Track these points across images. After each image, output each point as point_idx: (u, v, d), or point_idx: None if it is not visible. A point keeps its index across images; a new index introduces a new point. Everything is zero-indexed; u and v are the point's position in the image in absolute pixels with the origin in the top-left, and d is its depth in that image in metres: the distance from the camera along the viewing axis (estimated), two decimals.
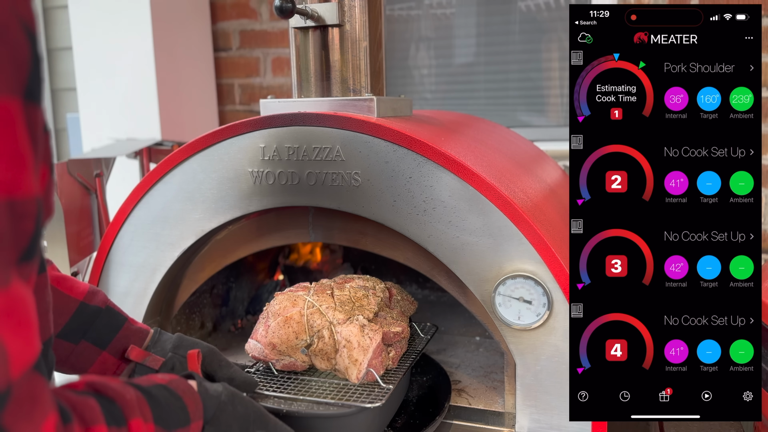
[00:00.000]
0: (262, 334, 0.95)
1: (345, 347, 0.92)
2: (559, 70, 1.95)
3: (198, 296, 1.33)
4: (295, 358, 0.96)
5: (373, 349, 0.90)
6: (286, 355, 0.95)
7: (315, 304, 0.96)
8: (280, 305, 0.97)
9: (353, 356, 0.91)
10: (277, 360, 0.96)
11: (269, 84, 2.17)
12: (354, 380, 0.91)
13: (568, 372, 0.90)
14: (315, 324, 0.94)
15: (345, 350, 0.92)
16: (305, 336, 0.94)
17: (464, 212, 0.93)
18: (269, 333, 0.95)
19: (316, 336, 0.94)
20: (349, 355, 0.91)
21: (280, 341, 0.94)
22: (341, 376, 0.94)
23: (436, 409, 1.01)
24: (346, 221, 1.09)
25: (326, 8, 1.06)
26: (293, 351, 0.95)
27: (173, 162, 1.09)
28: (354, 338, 0.91)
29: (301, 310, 0.95)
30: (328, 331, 0.93)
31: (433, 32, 2.08)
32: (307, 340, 0.94)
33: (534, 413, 0.94)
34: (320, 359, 0.95)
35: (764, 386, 0.98)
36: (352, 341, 0.91)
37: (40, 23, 2.38)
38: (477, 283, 0.94)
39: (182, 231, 1.10)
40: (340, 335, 0.92)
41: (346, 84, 1.09)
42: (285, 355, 0.95)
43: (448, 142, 1.01)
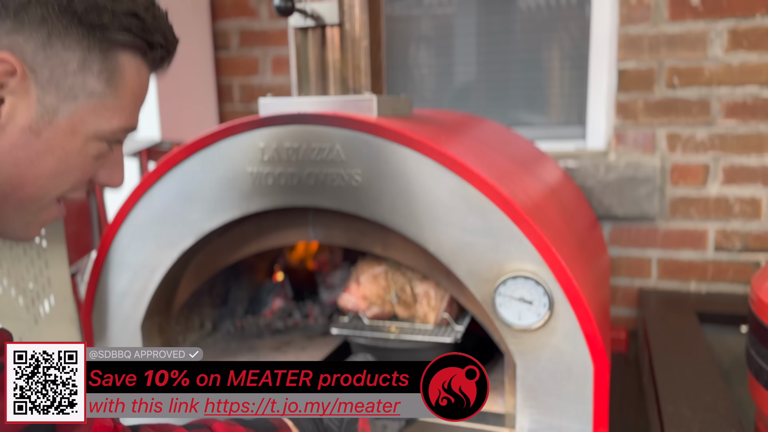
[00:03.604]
0: (355, 288, 1.17)
1: (424, 297, 1.14)
2: (559, 70, 1.95)
3: (197, 296, 1.32)
4: (382, 308, 1.17)
5: (446, 300, 1.12)
6: (375, 305, 1.16)
7: (394, 265, 1.18)
8: (368, 266, 1.19)
9: (432, 304, 1.13)
10: (367, 309, 1.16)
11: (269, 83, 2.16)
12: (432, 323, 1.13)
13: (568, 373, 0.90)
14: (398, 280, 1.16)
15: (424, 300, 1.14)
16: (391, 289, 1.16)
17: (464, 212, 0.93)
18: (360, 287, 1.17)
19: (399, 289, 1.16)
20: (428, 303, 1.13)
21: (371, 293, 1.16)
22: (419, 321, 1.15)
23: (492, 352, 1.17)
24: (346, 221, 1.08)
25: (326, 7, 1.05)
26: (381, 301, 1.16)
27: (173, 162, 1.09)
28: (431, 291, 1.13)
29: (386, 269, 1.17)
30: (408, 286, 1.16)
31: (433, 32, 2.07)
32: (394, 292, 1.16)
33: (534, 414, 0.93)
34: (402, 308, 1.17)
35: (764, 386, 0.98)
36: (430, 293, 1.13)
37: None
38: (477, 283, 0.94)
39: (181, 231, 1.10)
40: (420, 288, 1.14)
41: (346, 83, 1.08)
42: (374, 305, 1.16)
43: (448, 141, 1.01)
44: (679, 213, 1.78)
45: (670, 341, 1.34)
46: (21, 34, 0.57)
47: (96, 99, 0.63)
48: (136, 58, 0.65)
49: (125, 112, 0.66)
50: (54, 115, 0.61)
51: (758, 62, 1.66)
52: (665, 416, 1.02)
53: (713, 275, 1.77)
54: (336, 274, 1.59)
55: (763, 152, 1.70)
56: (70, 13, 0.58)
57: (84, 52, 0.60)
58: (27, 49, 0.58)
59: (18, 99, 0.59)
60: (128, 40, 0.63)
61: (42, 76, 0.59)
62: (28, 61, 0.58)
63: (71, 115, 0.62)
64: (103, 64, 0.62)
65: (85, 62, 0.61)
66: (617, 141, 1.81)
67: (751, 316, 1.03)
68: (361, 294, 1.16)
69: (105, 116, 0.64)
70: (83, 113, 0.62)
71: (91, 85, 0.62)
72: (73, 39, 0.59)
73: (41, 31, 0.58)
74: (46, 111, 0.60)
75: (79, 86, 0.61)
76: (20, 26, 0.57)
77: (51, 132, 0.61)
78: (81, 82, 0.61)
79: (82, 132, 0.63)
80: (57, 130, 0.61)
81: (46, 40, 0.58)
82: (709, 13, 1.69)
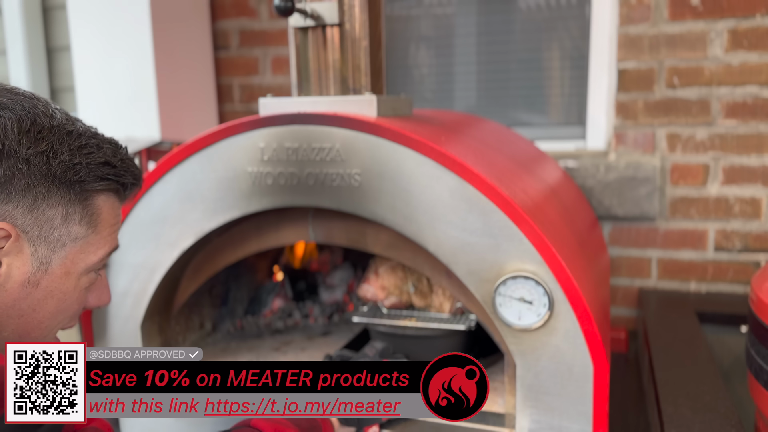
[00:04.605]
0: (374, 279, 1.23)
1: (440, 288, 1.19)
2: (559, 70, 1.95)
3: (197, 296, 1.32)
4: (399, 298, 1.22)
5: None
6: (393, 294, 1.21)
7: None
8: (387, 258, 1.22)
9: (447, 294, 1.18)
10: (385, 299, 1.21)
11: (269, 83, 2.16)
12: (447, 312, 1.17)
13: (568, 373, 0.90)
14: (415, 271, 1.20)
15: (440, 290, 1.19)
16: (408, 280, 1.21)
17: (464, 212, 0.93)
18: (379, 278, 1.23)
19: (416, 279, 1.21)
20: (444, 293, 1.19)
21: (389, 284, 1.22)
22: (434, 311, 1.20)
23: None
24: (346, 221, 1.08)
25: (326, 7, 1.05)
26: (398, 291, 1.21)
27: (172, 162, 1.08)
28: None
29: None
30: (425, 277, 1.20)
31: (433, 32, 2.07)
32: (411, 282, 1.21)
33: (534, 414, 0.93)
34: (419, 298, 1.22)
35: (764, 386, 0.98)
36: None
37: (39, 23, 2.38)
38: (477, 283, 0.94)
39: (181, 231, 1.10)
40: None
41: (346, 83, 1.08)
42: (392, 295, 1.21)
43: (448, 141, 1.01)
44: (679, 213, 1.78)
45: (670, 341, 1.34)
46: (9, 203, 0.64)
47: (81, 241, 0.70)
48: (110, 197, 0.73)
49: (107, 241, 0.73)
50: (48, 264, 0.68)
51: (758, 62, 1.66)
52: (665, 416, 1.02)
53: (713, 275, 1.77)
54: (336, 274, 1.59)
55: (763, 152, 1.70)
56: (50, 177, 0.65)
57: (66, 206, 0.67)
58: (17, 215, 0.64)
59: (13, 258, 0.65)
60: (104, 186, 0.70)
61: (32, 235, 0.66)
62: (19, 225, 0.65)
63: (63, 261, 0.69)
64: (84, 211, 0.69)
65: (68, 214, 0.68)
66: (617, 141, 1.81)
67: (751, 316, 1.03)
68: (379, 284, 1.22)
69: (91, 251, 0.71)
70: (73, 255, 0.69)
71: (75, 232, 0.69)
72: (56, 197, 0.66)
73: (27, 197, 0.64)
74: (41, 263, 0.67)
75: (65, 235, 0.68)
76: (8, 197, 0.63)
77: (47, 280, 0.68)
78: (66, 232, 0.68)
79: (74, 271, 0.70)
80: (53, 277, 0.68)
81: (32, 204, 0.65)
82: (709, 13, 1.69)
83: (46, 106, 0.68)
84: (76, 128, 0.68)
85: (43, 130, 0.65)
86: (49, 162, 0.65)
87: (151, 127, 1.95)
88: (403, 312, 1.22)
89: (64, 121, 0.68)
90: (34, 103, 0.67)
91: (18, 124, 0.64)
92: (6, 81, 2.40)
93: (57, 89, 2.50)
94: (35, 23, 2.38)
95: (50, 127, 0.66)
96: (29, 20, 2.35)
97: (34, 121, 0.65)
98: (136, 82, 1.94)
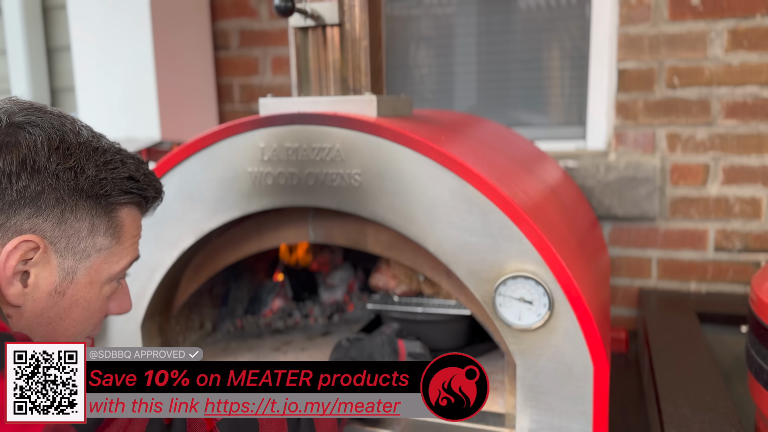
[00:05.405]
0: (385, 269, 1.30)
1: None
2: (559, 70, 1.95)
3: (197, 296, 1.32)
4: (409, 286, 1.28)
5: None
6: (403, 283, 1.28)
7: None
8: None
9: None
10: (396, 287, 1.28)
11: (269, 83, 2.16)
12: (455, 299, 1.21)
13: (568, 373, 0.90)
14: None
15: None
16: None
17: (464, 212, 0.93)
18: (390, 268, 1.29)
19: None
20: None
21: (400, 273, 1.28)
22: (442, 298, 1.25)
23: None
24: (346, 221, 1.08)
25: (326, 7, 1.05)
26: (408, 280, 1.28)
27: (173, 162, 1.09)
28: None
29: None
30: None
31: (433, 32, 2.07)
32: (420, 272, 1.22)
33: (534, 414, 0.93)
34: (427, 286, 1.27)
35: (764, 386, 0.98)
36: None
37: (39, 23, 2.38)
38: (477, 283, 0.94)
39: (181, 231, 1.10)
40: None
41: (346, 83, 1.08)
42: (402, 284, 1.28)
43: (448, 141, 1.01)
44: (679, 213, 1.78)
45: (670, 341, 1.34)
46: (39, 216, 0.67)
47: (105, 251, 0.73)
48: (133, 210, 0.76)
49: (129, 252, 0.76)
50: (74, 274, 0.71)
51: (758, 62, 1.66)
52: (665, 416, 1.02)
53: (713, 275, 1.77)
54: (336, 274, 1.59)
55: (763, 152, 1.70)
56: (78, 191, 0.69)
57: (92, 218, 0.71)
58: (46, 227, 0.67)
59: (41, 269, 0.68)
60: (128, 199, 0.74)
61: (60, 246, 0.69)
62: (48, 237, 0.68)
63: (88, 270, 0.72)
64: (109, 224, 0.72)
65: (93, 226, 0.71)
66: (617, 141, 1.81)
67: (751, 316, 1.03)
68: (390, 274, 1.29)
69: (114, 261, 0.74)
70: (97, 265, 0.72)
71: (100, 243, 0.72)
72: (83, 210, 0.70)
73: (56, 210, 0.68)
74: (67, 273, 0.70)
75: (90, 246, 0.71)
76: (38, 210, 0.67)
77: (73, 289, 0.71)
78: (92, 243, 0.71)
79: (98, 281, 0.73)
80: (78, 286, 0.71)
81: (61, 217, 0.68)
82: (709, 13, 1.69)
83: (73, 123, 0.71)
84: (101, 144, 0.72)
85: (71, 147, 0.68)
86: (76, 177, 0.68)
87: (151, 127, 1.95)
88: (413, 299, 1.28)
89: (90, 138, 0.71)
90: (62, 121, 0.69)
91: (48, 142, 0.67)
92: (6, 81, 2.40)
93: (57, 89, 2.50)
94: (35, 23, 2.38)
95: (77, 144, 0.69)
96: (29, 20, 2.35)
97: (62, 138, 0.68)
98: (136, 82, 1.94)
